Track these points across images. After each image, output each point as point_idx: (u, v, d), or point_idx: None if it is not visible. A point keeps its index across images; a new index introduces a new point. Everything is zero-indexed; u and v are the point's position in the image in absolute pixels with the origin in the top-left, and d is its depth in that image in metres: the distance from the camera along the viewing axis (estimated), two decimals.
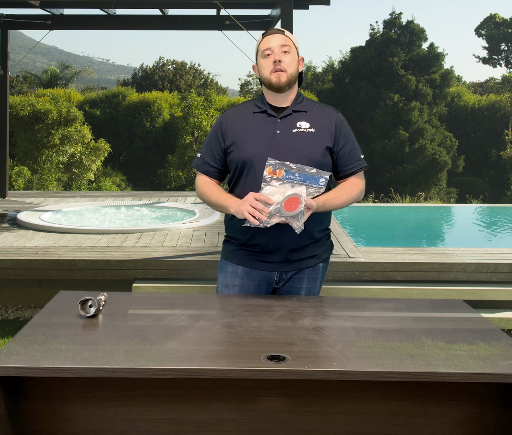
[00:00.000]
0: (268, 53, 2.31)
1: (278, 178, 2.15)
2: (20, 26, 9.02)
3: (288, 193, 2.12)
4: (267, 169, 2.16)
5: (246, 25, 8.00)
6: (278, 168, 2.15)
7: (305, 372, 1.62)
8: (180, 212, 7.96)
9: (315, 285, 2.44)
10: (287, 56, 2.31)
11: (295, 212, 2.09)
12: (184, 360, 1.65)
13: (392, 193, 13.72)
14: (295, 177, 2.16)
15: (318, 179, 2.17)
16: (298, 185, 2.15)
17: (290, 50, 2.32)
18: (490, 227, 9.43)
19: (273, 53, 2.30)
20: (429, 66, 25.72)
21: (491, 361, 1.70)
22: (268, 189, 2.15)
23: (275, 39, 2.32)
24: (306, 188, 2.15)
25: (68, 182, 17.62)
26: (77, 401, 1.79)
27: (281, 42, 2.31)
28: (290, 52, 2.32)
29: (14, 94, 24.61)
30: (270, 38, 2.33)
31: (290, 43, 2.34)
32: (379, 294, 4.92)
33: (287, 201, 2.10)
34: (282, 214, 2.10)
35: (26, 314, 5.15)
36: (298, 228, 2.10)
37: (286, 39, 2.33)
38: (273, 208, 2.11)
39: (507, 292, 4.92)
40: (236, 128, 2.35)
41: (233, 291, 2.40)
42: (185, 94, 21.38)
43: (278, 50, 2.30)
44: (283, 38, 2.33)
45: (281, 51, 2.30)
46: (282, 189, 2.14)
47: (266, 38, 2.34)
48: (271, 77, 2.30)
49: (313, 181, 2.17)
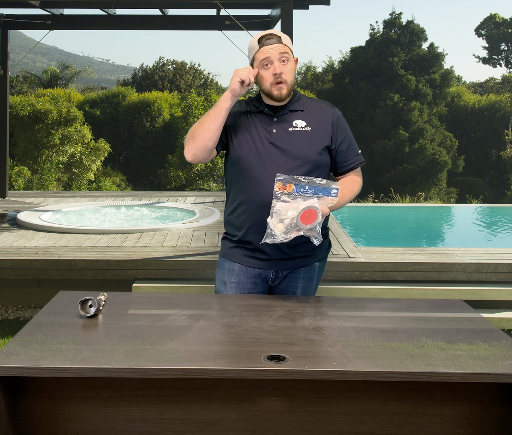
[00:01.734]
0: (267, 63, 2.27)
1: (289, 193, 2.13)
2: (20, 26, 9.02)
3: (303, 207, 2.10)
4: (276, 185, 2.13)
5: (246, 25, 8.00)
6: (288, 183, 2.13)
7: (305, 372, 1.62)
8: (180, 212, 7.96)
9: (311, 284, 2.44)
10: (286, 66, 2.28)
11: (313, 225, 2.08)
12: (184, 360, 1.65)
13: (392, 193, 13.72)
14: (305, 190, 2.13)
15: (329, 190, 2.15)
16: (310, 198, 2.13)
17: (288, 57, 2.29)
18: (490, 227, 9.44)
19: (273, 64, 2.27)
20: (429, 66, 25.72)
21: (491, 361, 1.70)
22: (280, 206, 2.13)
23: (274, 48, 2.27)
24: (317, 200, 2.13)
25: (68, 182, 17.63)
26: (77, 401, 1.79)
27: (280, 50, 2.27)
28: (289, 59, 2.29)
29: (14, 94, 24.61)
30: (268, 48, 2.27)
31: (288, 50, 2.30)
32: (379, 294, 4.92)
33: (303, 214, 2.08)
34: (300, 228, 2.08)
35: (26, 314, 5.15)
36: (317, 239, 2.09)
37: (283, 47, 2.28)
38: (288, 223, 2.09)
39: (507, 292, 4.92)
40: (234, 126, 2.35)
41: (230, 288, 2.41)
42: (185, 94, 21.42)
43: (278, 62, 2.27)
44: (281, 47, 2.28)
45: (280, 60, 2.27)
46: (295, 205, 2.11)
47: (264, 48, 2.28)
48: (272, 90, 2.28)
49: (324, 192, 2.14)
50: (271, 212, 2.13)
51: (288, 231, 2.09)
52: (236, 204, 2.36)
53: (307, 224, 2.08)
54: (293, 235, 2.10)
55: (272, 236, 2.10)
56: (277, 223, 2.11)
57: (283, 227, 2.10)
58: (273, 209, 2.13)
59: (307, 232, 2.09)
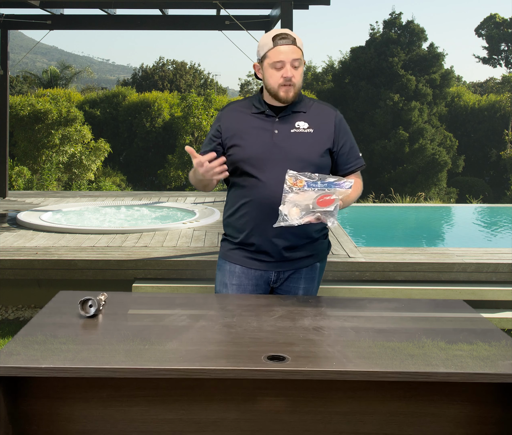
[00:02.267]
0: (279, 66, 2.25)
1: (300, 188, 2.10)
2: (20, 26, 9.03)
3: (318, 193, 2.07)
4: (288, 179, 2.10)
5: (246, 25, 8.01)
6: (299, 179, 2.10)
7: (305, 372, 1.62)
8: (180, 212, 7.96)
9: (312, 284, 2.44)
10: (297, 71, 2.27)
11: (331, 207, 2.03)
12: (184, 360, 1.65)
13: (392, 193, 13.72)
14: (317, 185, 2.10)
15: (342, 185, 2.11)
16: (322, 191, 2.09)
17: (300, 63, 2.28)
18: (490, 227, 9.44)
19: (285, 67, 2.25)
20: (429, 66, 25.71)
21: (491, 361, 1.70)
22: (292, 196, 2.08)
23: (288, 51, 2.24)
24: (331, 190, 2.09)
25: (68, 182, 17.62)
26: (77, 401, 1.79)
27: (294, 56, 2.25)
28: (300, 65, 2.28)
29: (14, 94, 24.62)
30: (281, 49, 2.24)
31: (301, 55, 2.28)
32: (379, 294, 4.92)
33: (319, 200, 2.05)
34: (316, 211, 2.04)
35: (26, 314, 5.15)
36: (333, 223, 2.03)
37: (297, 51, 2.26)
38: (304, 207, 2.05)
39: (507, 292, 4.92)
40: (234, 128, 2.34)
41: (231, 290, 2.40)
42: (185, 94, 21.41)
43: (290, 66, 2.25)
44: (295, 51, 2.26)
45: (293, 66, 2.25)
46: (307, 195, 2.08)
47: (277, 48, 2.25)
48: (279, 90, 2.27)
49: (337, 186, 2.10)
50: (283, 201, 2.09)
51: (302, 215, 2.05)
52: (237, 206, 2.35)
53: (325, 206, 2.04)
54: (307, 218, 2.05)
55: (285, 220, 2.06)
56: (292, 207, 2.07)
57: (298, 210, 2.06)
58: (285, 199, 2.08)
59: (323, 215, 2.04)
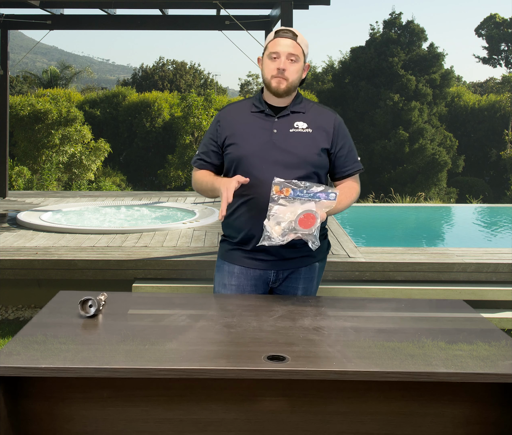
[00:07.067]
0: (274, 57, 2.27)
1: (286, 197, 2.11)
2: (20, 26, 9.03)
3: (300, 210, 2.09)
4: (274, 188, 2.12)
5: (246, 25, 8.01)
6: (285, 187, 2.11)
7: (305, 372, 1.62)
8: (180, 212, 7.96)
9: (311, 284, 2.44)
10: (293, 66, 2.27)
11: (312, 229, 2.06)
12: (184, 360, 1.65)
13: (392, 193, 13.72)
14: (303, 195, 2.11)
15: (328, 194, 2.12)
16: (308, 202, 2.11)
17: (298, 59, 2.28)
18: (490, 227, 9.44)
19: (279, 59, 2.26)
20: (429, 66, 25.71)
21: (491, 361, 1.70)
22: (277, 209, 2.11)
23: (285, 44, 2.26)
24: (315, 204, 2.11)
25: (68, 182, 17.62)
26: (77, 401, 1.79)
27: (290, 50, 2.26)
28: (297, 61, 2.28)
29: (14, 94, 24.60)
30: (280, 42, 2.27)
31: (299, 53, 2.28)
32: (379, 294, 4.92)
33: (301, 218, 2.07)
34: (298, 232, 2.07)
35: (26, 314, 5.15)
36: (314, 244, 2.07)
37: (296, 47, 2.27)
38: (286, 225, 2.08)
39: (507, 292, 4.92)
40: (233, 127, 2.34)
41: (230, 290, 2.40)
42: (185, 94, 21.39)
43: (285, 58, 2.26)
44: (294, 46, 2.27)
45: (288, 59, 2.26)
46: (293, 208, 2.10)
47: (276, 40, 2.28)
48: (271, 81, 2.28)
49: (322, 197, 2.12)
50: (268, 215, 2.11)
51: (285, 233, 2.08)
52: (236, 206, 2.35)
53: (305, 228, 2.07)
54: (290, 237, 2.08)
55: (269, 238, 2.09)
56: (274, 225, 2.10)
57: (280, 229, 2.09)
58: (270, 212, 2.11)
59: (305, 236, 2.07)
